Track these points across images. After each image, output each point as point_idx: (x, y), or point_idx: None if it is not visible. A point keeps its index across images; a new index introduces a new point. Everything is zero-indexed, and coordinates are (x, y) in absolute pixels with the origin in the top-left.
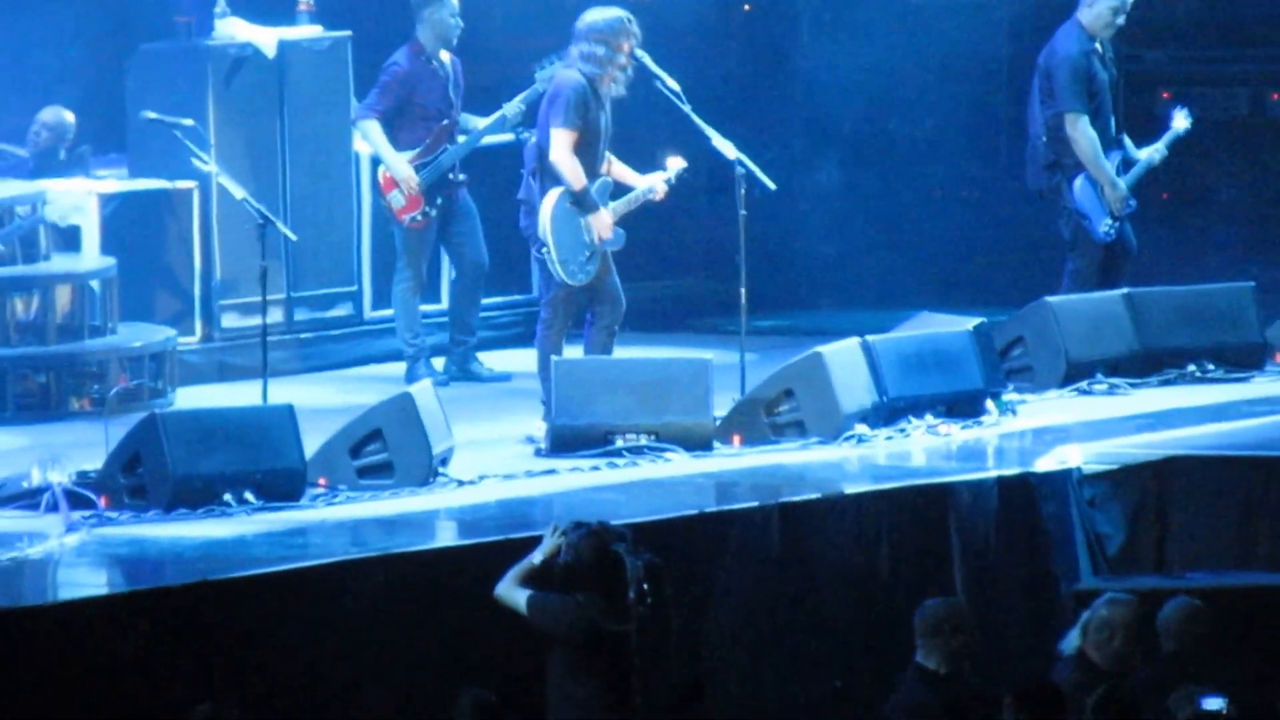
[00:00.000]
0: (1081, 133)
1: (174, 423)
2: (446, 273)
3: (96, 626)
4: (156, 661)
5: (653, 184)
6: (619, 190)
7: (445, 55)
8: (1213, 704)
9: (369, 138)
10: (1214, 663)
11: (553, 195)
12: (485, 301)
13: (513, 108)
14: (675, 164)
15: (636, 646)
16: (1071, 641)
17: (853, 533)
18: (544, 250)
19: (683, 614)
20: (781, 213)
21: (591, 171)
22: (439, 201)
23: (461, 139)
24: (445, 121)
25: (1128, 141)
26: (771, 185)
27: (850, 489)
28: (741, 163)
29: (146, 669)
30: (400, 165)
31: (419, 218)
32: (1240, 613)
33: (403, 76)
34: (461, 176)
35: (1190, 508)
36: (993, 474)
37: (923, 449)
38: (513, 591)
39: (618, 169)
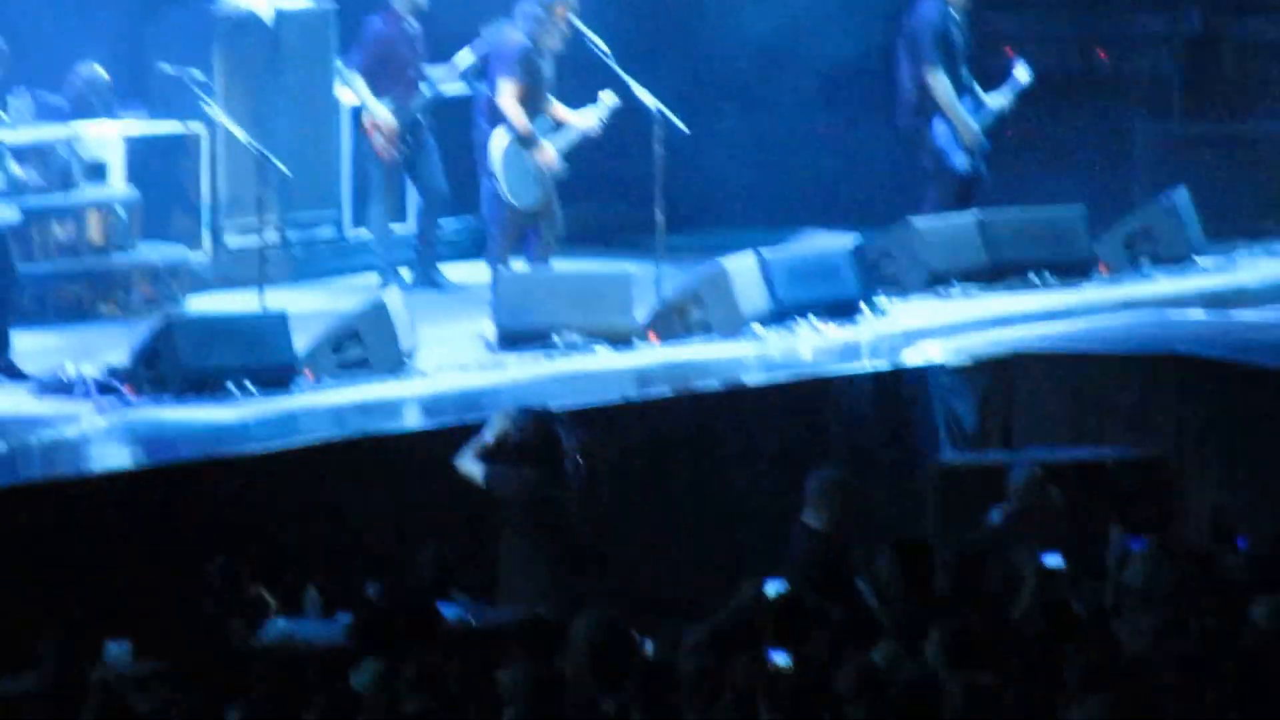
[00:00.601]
0: (940, 83)
1: (186, 325)
2: (412, 198)
3: (122, 493)
4: (173, 522)
5: (588, 120)
6: (560, 127)
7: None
8: (1053, 561)
9: (355, 88)
10: (1052, 520)
11: (501, 134)
12: (444, 222)
13: (464, 58)
14: (608, 100)
15: (571, 509)
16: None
17: (750, 416)
18: (494, 179)
19: (607, 484)
20: (692, 149)
21: (537, 113)
22: (409, 140)
23: (424, 88)
24: (413, 74)
25: (979, 90)
26: (684, 128)
27: (748, 379)
28: (659, 109)
29: (165, 528)
30: (381, 111)
31: (396, 155)
32: (1071, 481)
33: (382, 38)
34: (427, 119)
35: (1031, 394)
36: (866, 367)
37: (808, 346)
38: (469, 465)
39: (558, 109)
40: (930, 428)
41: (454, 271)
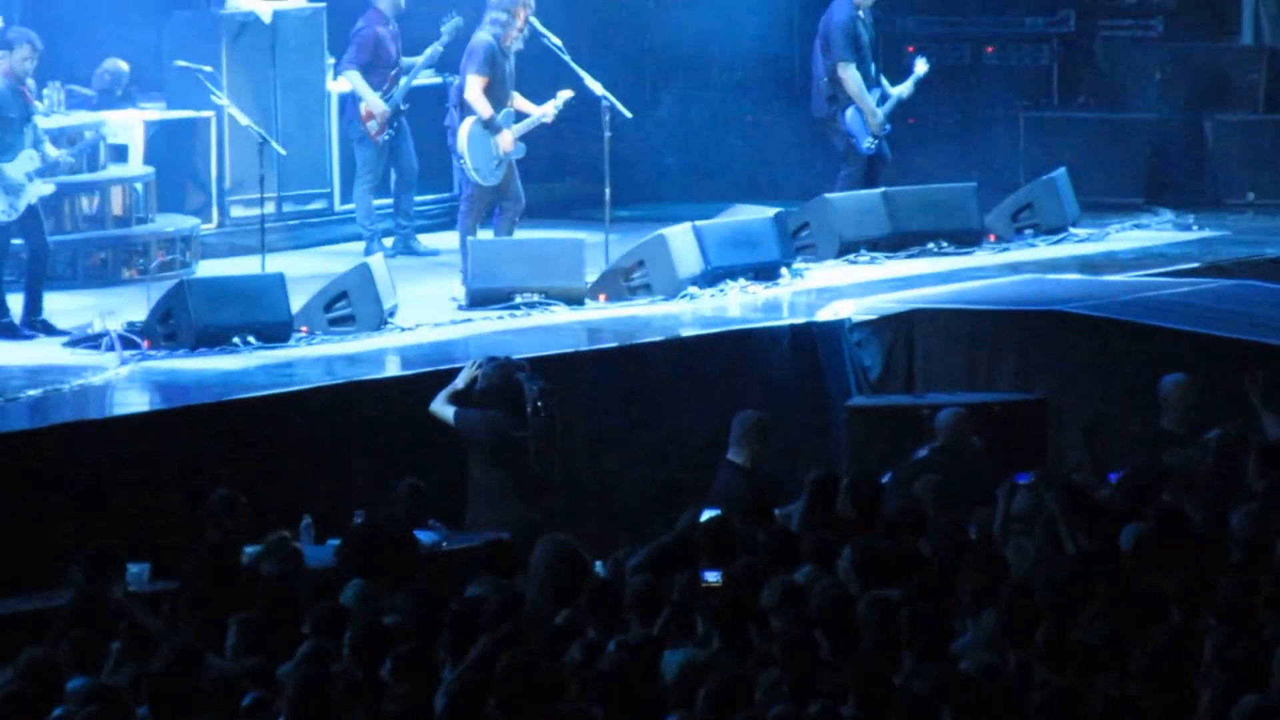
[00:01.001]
0: (850, 76)
1: (197, 286)
2: (391, 175)
3: (143, 434)
4: (186, 459)
5: (545, 111)
6: (520, 116)
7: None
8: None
9: (354, 83)
10: (970, 456)
11: (468, 121)
12: (419, 197)
13: (431, 50)
14: (563, 95)
15: (532, 447)
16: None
17: (684, 364)
18: (461, 161)
19: (562, 424)
20: (635, 132)
21: (500, 103)
22: (395, 124)
23: (402, 81)
24: (395, 68)
25: (885, 81)
26: (628, 114)
27: (684, 333)
28: (606, 98)
29: (179, 465)
30: (376, 101)
31: (385, 138)
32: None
33: (372, 37)
34: (404, 106)
35: (929, 345)
36: (786, 322)
37: (737, 304)
38: (443, 408)
39: (519, 101)
40: (842, 375)
41: (428, 240)
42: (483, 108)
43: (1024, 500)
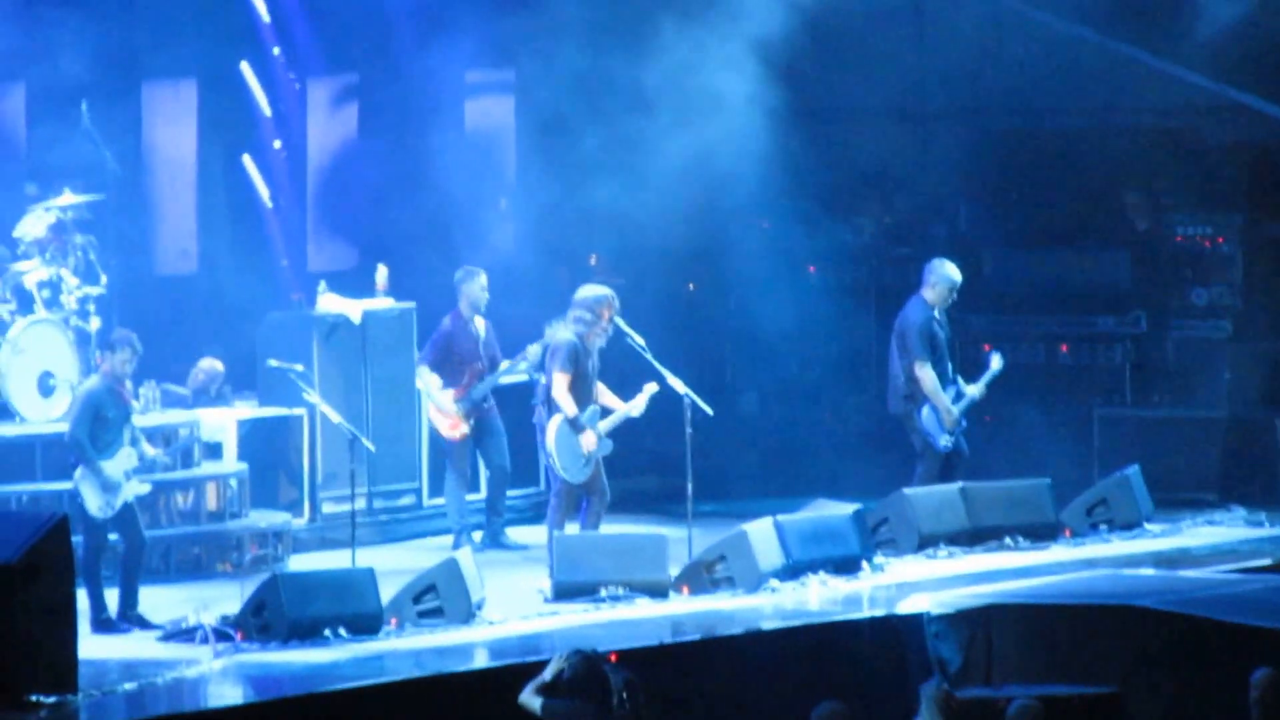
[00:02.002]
0: (926, 375)
1: (289, 580)
2: (482, 471)
3: None
4: None
5: (632, 406)
6: (606, 412)
7: (479, 320)
8: None
9: (423, 379)
10: None
11: (555, 420)
12: (510, 492)
13: (533, 351)
14: (649, 389)
15: None
16: None
17: (767, 657)
18: (550, 459)
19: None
20: (716, 429)
21: (585, 400)
22: (473, 422)
23: (491, 376)
24: (477, 365)
25: (960, 380)
26: (709, 411)
27: (765, 626)
28: (688, 395)
29: None
30: (443, 399)
31: (457, 435)
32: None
33: (446, 335)
34: (489, 403)
35: (1007, 639)
36: (866, 615)
37: (817, 597)
38: (531, 699)
39: (606, 396)
40: (922, 667)
41: (517, 534)
42: (568, 405)
43: None
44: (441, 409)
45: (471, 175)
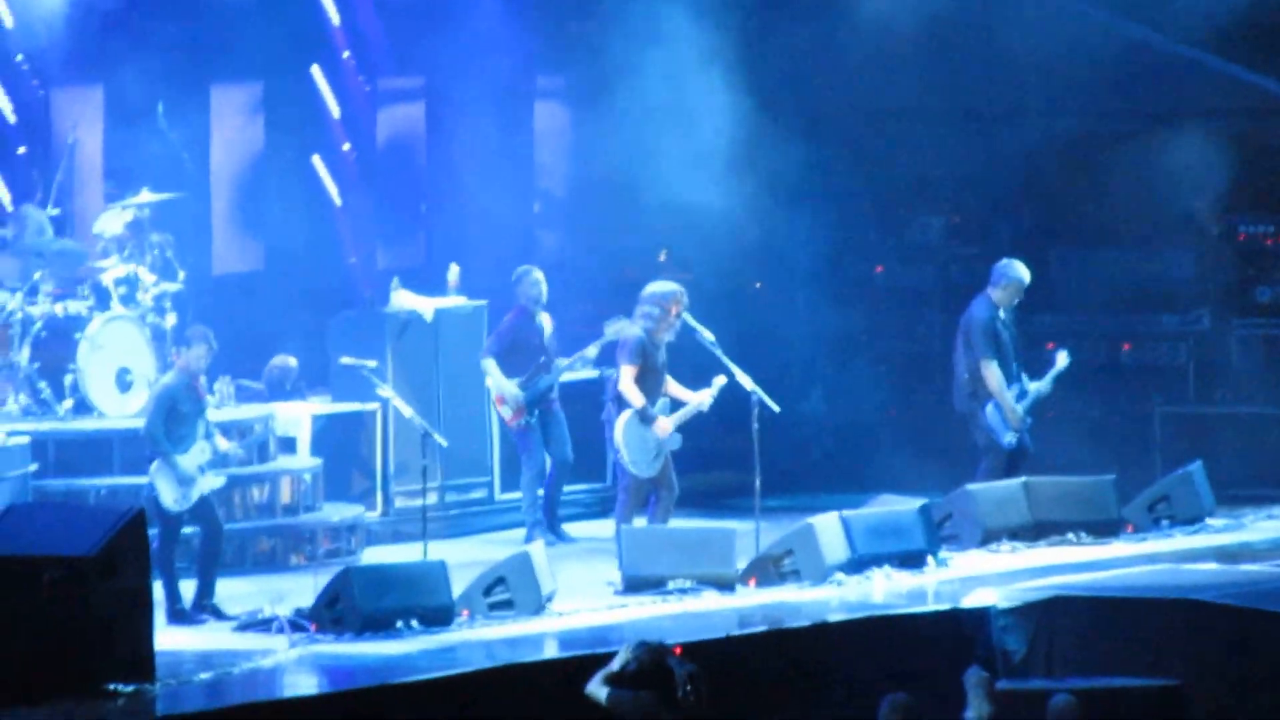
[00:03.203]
0: (991, 373)
1: (362, 573)
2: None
3: (313, 716)
4: None
5: (702, 399)
6: (676, 405)
7: (544, 316)
8: None
9: (487, 370)
10: None
11: (624, 415)
12: (572, 487)
13: (591, 350)
14: (718, 382)
15: None
16: None
17: (833, 648)
18: (619, 454)
19: (712, 707)
20: (783, 425)
21: (652, 394)
22: (536, 413)
23: (553, 371)
24: (541, 359)
25: (1024, 378)
26: (776, 408)
27: (832, 618)
28: (755, 393)
29: None
30: (507, 388)
31: (522, 423)
32: (1104, 706)
33: (511, 328)
34: (553, 394)
35: (1069, 632)
36: (931, 608)
37: (882, 591)
38: (597, 689)
39: (675, 389)
40: (986, 660)
41: (582, 529)
42: (635, 397)
43: None
44: (505, 398)
45: (537, 173)
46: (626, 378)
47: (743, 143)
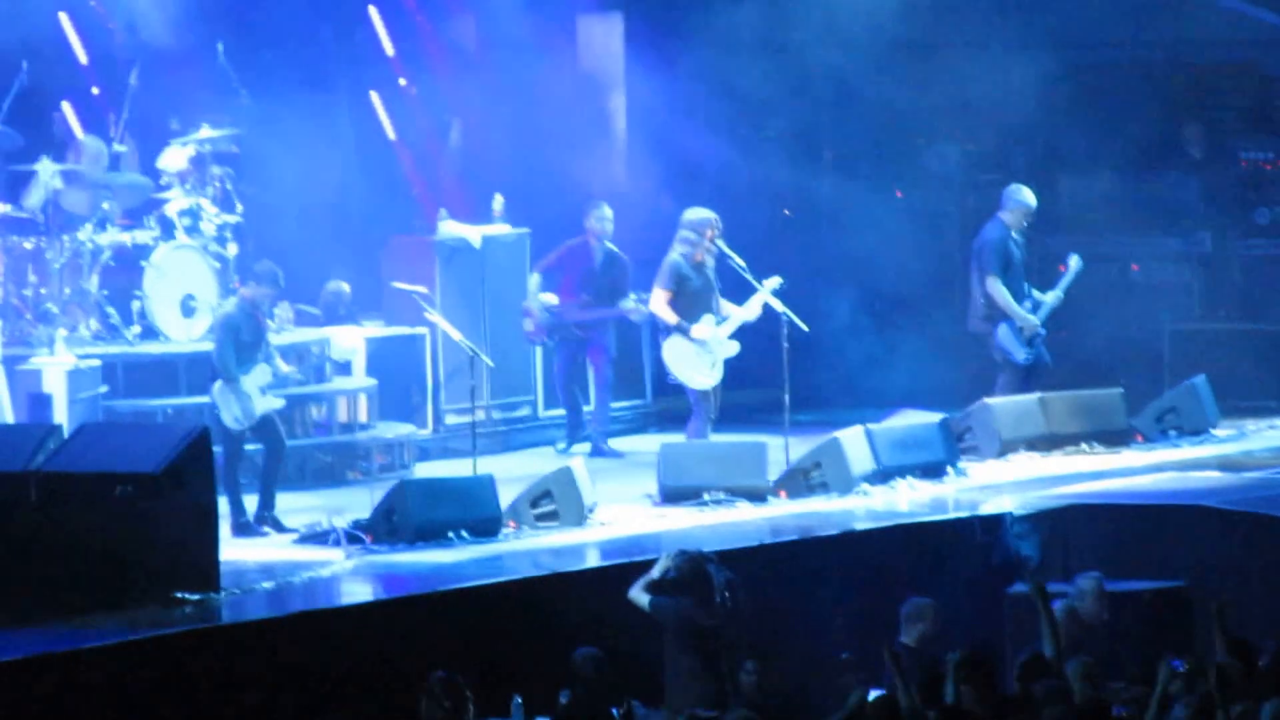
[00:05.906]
0: (999, 290)
1: (415, 486)
2: (592, 383)
3: (366, 621)
4: (409, 641)
5: (748, 310)
6: (726, 318)
7: (611, 248)
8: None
9: (527, 282)
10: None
11: (666, 343)
12: (617, 404)
13: (633, 304)
14: (768, 286)
15: (720, 631)
16: None
17: (860, 555)
18: (678, 378)
19: (748, 610)
20: (811, 345)
21: (698, 314)
22: (577, 334)
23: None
24: (584, 296)
25: (1035, 292)
26: (805, 328)
27: (859, 526)
28: (785, 314)
29: (402, 646)
30: (534, 302)
31: (538, 341)
32: (1117, 606)
33: (566, 251)
34: (584, 335)
35: (1082, 537)
36: (951, 516)
37: (906, 500)
38: (639, 595)
39: (724, 305)
40: (1003, 564)
41: (626, 443)
42: (667, 315)
43: (1179, 683)
44: (533, 310)
45: (584, 107)
46: (658, 299)
47: (774, 79)
